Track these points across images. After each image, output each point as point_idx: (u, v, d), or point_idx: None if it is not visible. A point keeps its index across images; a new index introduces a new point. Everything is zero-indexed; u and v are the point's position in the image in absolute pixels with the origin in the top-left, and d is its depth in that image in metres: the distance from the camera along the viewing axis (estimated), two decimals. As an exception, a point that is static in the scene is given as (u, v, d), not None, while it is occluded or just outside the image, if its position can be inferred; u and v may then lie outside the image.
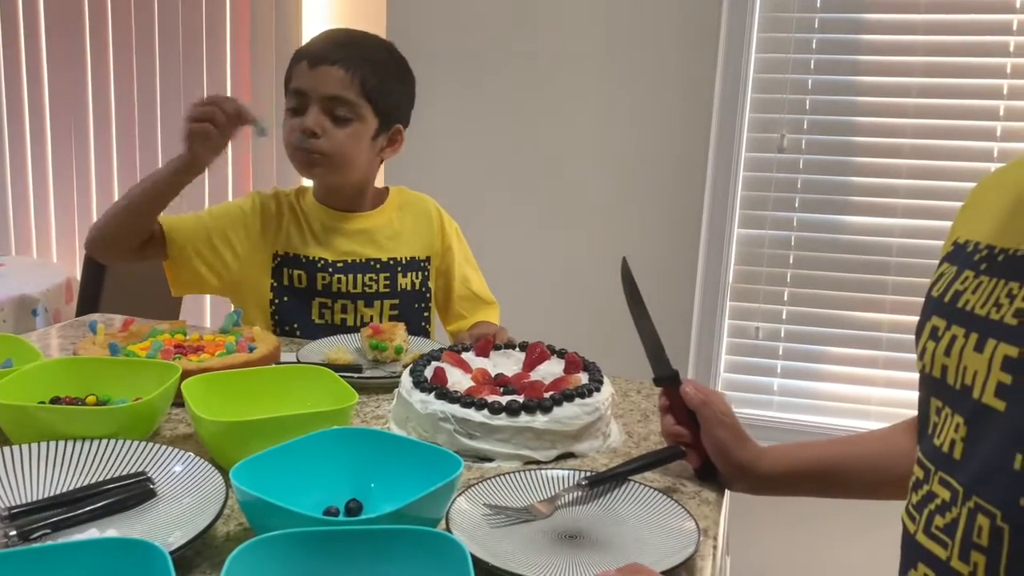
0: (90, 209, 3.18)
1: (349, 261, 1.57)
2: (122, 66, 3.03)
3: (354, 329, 1.55)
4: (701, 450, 1.06)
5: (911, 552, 0.69)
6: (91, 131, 3.11)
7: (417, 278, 1.59)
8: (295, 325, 1.57)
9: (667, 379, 1.08)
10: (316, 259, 1.56)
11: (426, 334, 1.64)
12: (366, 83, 1.48)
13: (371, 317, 1.56)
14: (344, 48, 1.49)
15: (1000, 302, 0.63)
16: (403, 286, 1.58)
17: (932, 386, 0.70)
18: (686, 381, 1.07)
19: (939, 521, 0.65)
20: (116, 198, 3.08)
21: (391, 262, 1.58)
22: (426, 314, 1.62)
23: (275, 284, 1.57)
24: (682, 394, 1.05)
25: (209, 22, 2.89)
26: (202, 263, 1.54)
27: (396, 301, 1.58)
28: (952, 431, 0.65)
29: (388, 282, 1.56)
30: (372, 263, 1.58)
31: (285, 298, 1.57)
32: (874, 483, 0.97)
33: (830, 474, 1.01)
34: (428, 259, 1.63)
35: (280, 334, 1.56)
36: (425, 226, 1.64)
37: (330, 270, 1.56)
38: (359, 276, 1.56)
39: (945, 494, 0.65)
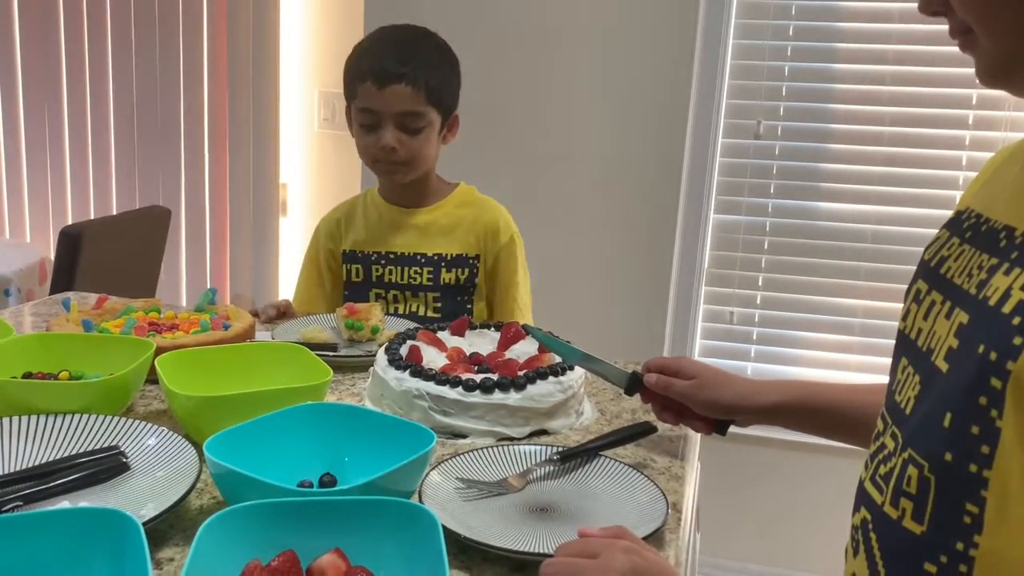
0: (64, 189, 3.15)
1: (398, 254, 1.66)
2: (97, 45, 3.00)
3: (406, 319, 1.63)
4: (700, 416, 1.08)
5: (859, 497, 0.73)
6: (65, 110, 3.08)
7: (463, 274, 1.65)
8: None
9: (633, 386, 1.11)
10: (371, 253, 1.67)
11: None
12: (430, 92, 1.56)
13: (417, 307, 1.65)
14: (407, 63, 1.54)
15: (972, 273, 0.66)
16: (446, 280, 1.64)
17: (905, 346, 0.73)
18: (646, 367, 1.10)
19: (882, 469, 0.69)
20: (91, 178, 3.08)
21: (436, 257, 1.65)
22: (469, 306, 1.67)
23: (344, 279, 1.70)
24: (649, 388, 1.09)
25: (186, 8, 2.86)
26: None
27: (438, 294, 1.65)
28: (910, 389, 0.69)
29: (431, 276, 1.64)
30: (418, 257, 1.65)
31: (346, 292, 1.70)
32: (848, 428, 1.00)
33: (812, 411, 1.03)
34: (478, 256, 1.66)
35: None
36: (482, 227, 1.68)
37: (383, 262, 1.66)
38: (405, 269, 1.65)
39: (891, 445, 0.69)
